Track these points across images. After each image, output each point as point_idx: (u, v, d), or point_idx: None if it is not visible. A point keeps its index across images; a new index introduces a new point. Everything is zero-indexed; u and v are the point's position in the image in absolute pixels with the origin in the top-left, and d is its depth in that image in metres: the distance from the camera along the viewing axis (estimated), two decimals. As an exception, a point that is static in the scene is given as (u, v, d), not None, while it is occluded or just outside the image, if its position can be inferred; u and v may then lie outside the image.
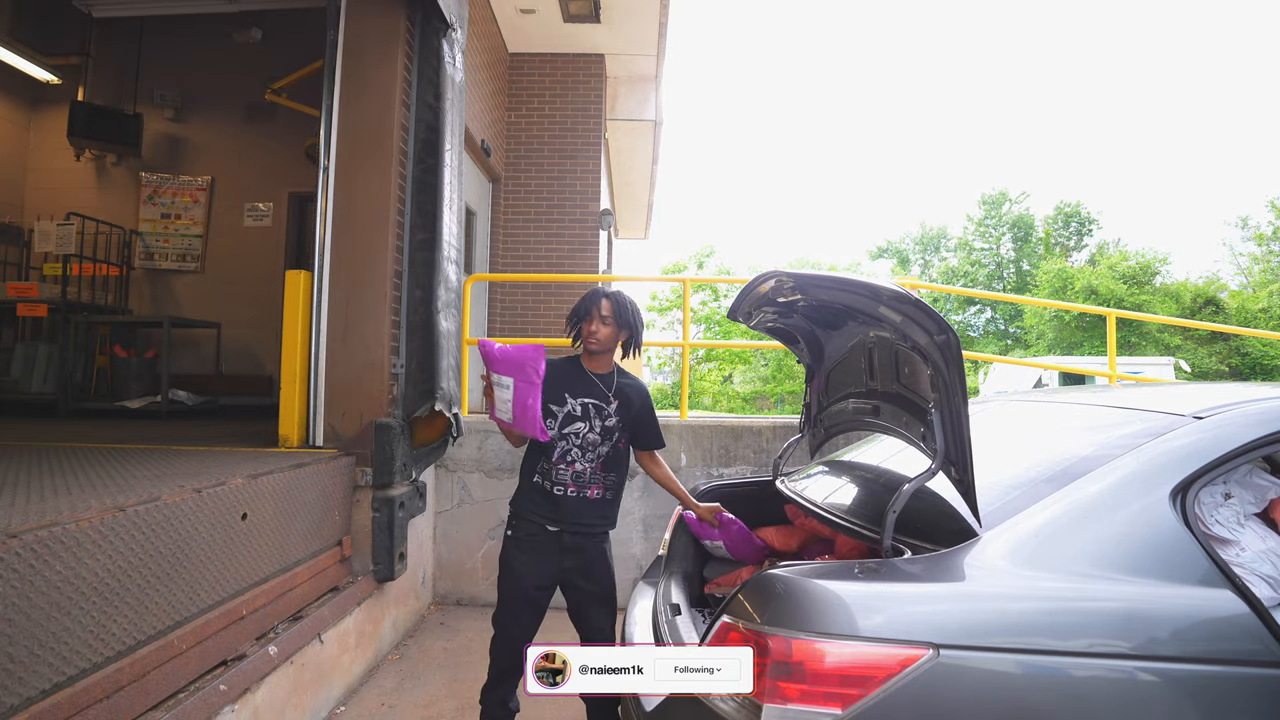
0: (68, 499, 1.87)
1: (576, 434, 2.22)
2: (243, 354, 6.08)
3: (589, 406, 2.24)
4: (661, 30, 6.61)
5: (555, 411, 2.21)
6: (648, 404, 2.35)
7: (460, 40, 3.75)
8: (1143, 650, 1.20)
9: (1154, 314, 18.26)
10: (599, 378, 2.29)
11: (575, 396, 2.24)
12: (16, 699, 1.47)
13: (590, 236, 6.92)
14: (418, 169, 3.58)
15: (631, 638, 1.88)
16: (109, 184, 6.38)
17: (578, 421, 2.22)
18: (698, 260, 33.12)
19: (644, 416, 2.33)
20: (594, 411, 2.24)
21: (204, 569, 2.12)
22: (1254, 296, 24.59)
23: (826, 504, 1.93)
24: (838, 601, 1.24)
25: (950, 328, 1.45)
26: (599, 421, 2.24)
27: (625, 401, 2.28)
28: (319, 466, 2.92)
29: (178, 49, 6.28)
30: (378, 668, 3.22)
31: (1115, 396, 1.95)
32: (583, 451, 2.22)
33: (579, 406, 2.23)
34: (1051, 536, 1.34)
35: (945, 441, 1.53)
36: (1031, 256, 32.61)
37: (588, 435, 2.22)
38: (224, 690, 2.06)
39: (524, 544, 2.22)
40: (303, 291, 3.35)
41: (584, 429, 2.22)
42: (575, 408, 2.23)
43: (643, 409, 2.32)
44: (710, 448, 4.30)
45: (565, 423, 2.22)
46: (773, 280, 1.85)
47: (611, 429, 2.25)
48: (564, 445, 2.21)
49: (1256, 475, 1.63)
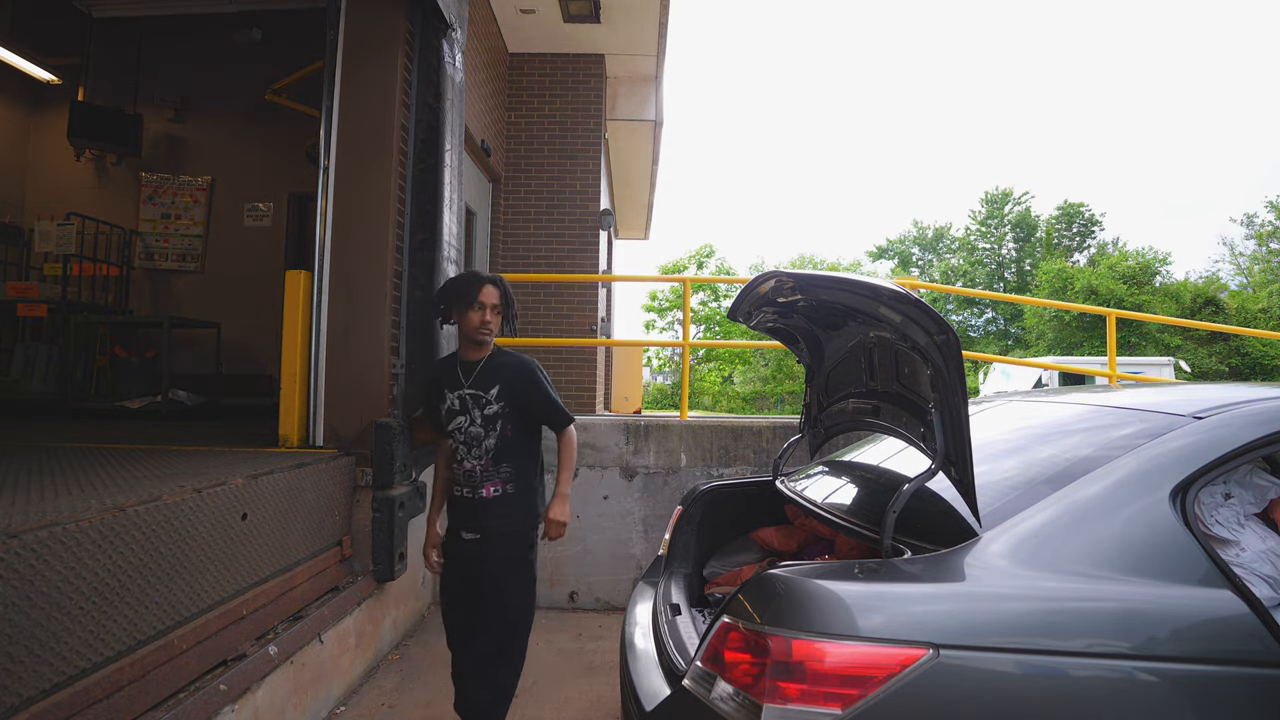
0: (68, 499, 1.87)
1: (460, 429, 2.10)
2: (243, 354, 6.08)
3: (466, 398, 2.10)
4: (661, 30, 6.61)
5: (440, 410, 2.12)
6: (533, 380, 2.15)
7: (460, 40, 3.75)
8: (1143, 650, 1.20)
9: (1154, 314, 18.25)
10: (472, 365, 2.14)
11: (453, 390, 2.12)
12: (16, 699, 1.47)
13: (590, 236, 6.92)
14: (418, 169, 3.58)
15: (632, 638, 1.88)
16: (109, 184, 6.37)
17: (458, 416, 2.10)
18: (697, 260, 33.12)
19: (530, 395, 2.14)
20: (472, 402, 2.09)
21: (204, 569, 2.12)
22: (1254, 296, 24.60)
23: (826, 504, 1.93)
24: (838, 601, 1.24)
25: (950, 328, 1.45)
26: (478, 411, 2.09)
27: (504, 383, 2.11)
28: (319, 466, 2.92)
29: (178, 49, 6.28)
30: (378, 668, 3.22)
31: (1115, 397, 1.95)
32: (469, 448, 2.09)
33: (457, 400, 2.11)
34: (1052, 537, 1.34)
35: (945, 441, 1.53)
36: (1033, 256, 32.63)
37: (470, 429, 2.08)
38: (224, 690, 2.06)
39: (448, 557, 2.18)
40: (303, 291, 3.35)
41: (465, 422, 2.09)
42: (454, 401, 2.11)
43: (527, 387, 2.14)
44: (710, 448, 4.30)
45: (448, 419, 2.11)
46: (773, 280, 1.85)
47: (493, 417, 2.09)
48: (453, 444, 2.12)
49: (1256, 475, 1.63)
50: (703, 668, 1.36)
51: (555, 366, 6.70)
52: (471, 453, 2.08)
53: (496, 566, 2.10)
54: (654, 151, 9.46)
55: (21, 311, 5.42)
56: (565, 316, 6.80)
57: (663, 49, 7.03)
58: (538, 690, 2.95)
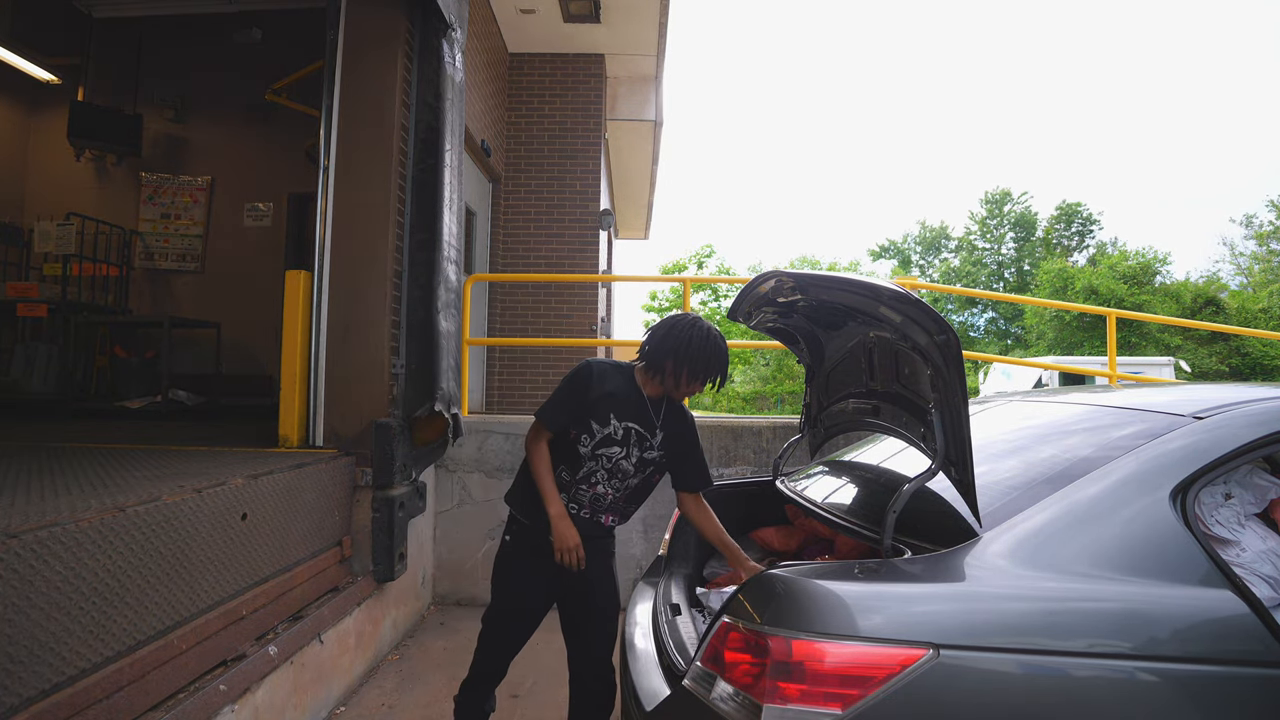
0: (68, 499, 1.87)
1: (609, 458, 1.97)
2: (243, 354, 6.08)
3: (632, 432, 1.97)
4: (661, 30, 6.62)
5: (595, 429, 1.96)
6: (694, 438, 2.08)
7: (460, 40, 3.75)
8: (1143, 650, 1.20)
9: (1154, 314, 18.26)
10: (651, 402, 2.00)
11: (621, 419, 1.97)
12: (16, 699, 1.47)
13: (590, 236, 6.92)
14: (418, 169, 3.58)
15: (632, 638, 1.88)
16: (109, 184, 6.37)
17: (615, 446, 1.97)
18: (698, 260, 33.13)
19: (689, 452, 2.06)
20: (635, 439, 1.98)
21: (204, 569, 2.12)
22: (1254, 296, 24.61)
23: (826, 504, 1.93)
24: (838, 601, 1.24)
25: (950, 328, 1.45)
26: (638, 451, 1.98)
27: (670, 434, 2.02)
28: (319, 467, 2.92)
29: (178, 49, 6.28)
30: (378, 668, 3.22)
31: (1115, 397, 1.95)
32: (610, 476, 1.99)
33: (621, 430, 1.97)
34: (1052, 537, 1.34)
35: (945, 441, 1.53)
36: (1033, 256, 32.64)
37: (621, 463, 1.98)
38: (224, 690, 2.06)
39: (522, 553, 2.05)
40: (303, 291, 3.35)
41: (619, 454, 1.98)
42: (617, 431, 1.97)
43: (689, 443, 2.06)
44: (710, 448, 4.30)
45: (602, 444, 1.97)
46: (773, 280, 1.85)
47: (649, 461, 2.01)
48: (592, 465, 1.98)
49: (1257, 475, 1.63)
50: (703, 668, 1.36)
51: (555, 366, 6.70)
52: (610, 482, 1.99)
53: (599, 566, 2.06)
54: (654, 151, 9.47)
55: (21, 311, 5.42)
56: (565, 316, 6.80)
57: (663, 49, 7.03)
58: (538, 690, 2.95)
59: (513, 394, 6.78)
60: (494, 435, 4.22)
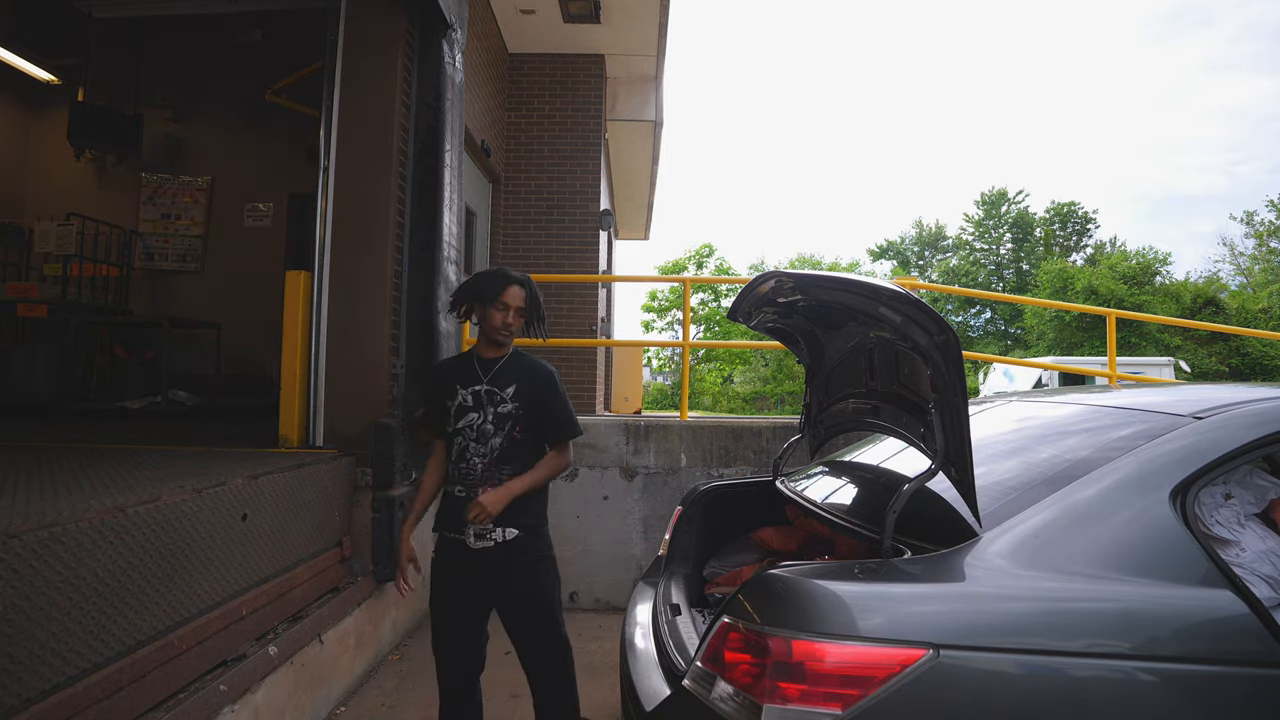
0: (68, 499, 1.86)
1: (471, 426, 2.05)
2: (243, 354, 6.07)
3: (480, 394, 2.07)
4: (661, 30, 6.61)
5: (449, 406, 2.08)
6: (551, 386, 2.13)
7: (460, 41, 3.75)
8: (1143, 650, 1.20)
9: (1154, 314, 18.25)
10: (491, 362, 2.11)
11: (466, 385, 2.08)
12: (16, 699, 1.47)
13: (590, 237, 6.92)
14: (418, 169, 3.58)
15: (632, 638, 1.88)
16: (109, 184, 6.37)
17: (470, 412, 2.05)
18: (697, 260, 33.13)
19: (546, 401, 2.11)
20: (486, 398, 2.06)
21: (204, 569, 2.12)
22: (1254, 297, 24.61)
23: (826, 504, 1.93)
24: (838, 601, 1.24)
25: (950, 328, 1.45)
26: (491, 409, 2.05)
27: (522, 385, 2.09)
28: (319, 467, 2.92)
29: (177, 50, 6.28)
30: (378, 668, 3.22)
31: (1115, 397, 1.95)
32: (477, 443, 2.05)
33: (470, 395, 2.07)
34: (1052, 537, 1.34)
35: (945, 441, 1.53)
36: (1031, 256, 32.63)
37: (481, 425, 2.05)
38: (224, 690, 2.06)
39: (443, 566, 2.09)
40: (303, 291, 3.35)
41: (477, 419, 2.05)
42: (467, 397, 2.06)
43: (544, 392, 2.11)
44: (710, 448, 4.30)
45: (458, 415, 2.06)
46: (773, 280, 1.85)
47: (506, 415, 2.05)
48: (460, 441, 2.06)
49: (1257, 476, 1.63)
50: (703, 668, 1.36)
51: (555, 366, 6.69)
52: (479, 450, 2.05)
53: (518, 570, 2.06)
54: (654, 151, 9.46)
55: (21, 312, 5.42)
56: (565, 317, 6.79)
57: (663, 49, 7.02)
58: (538, 690, 2.95)
59: (513, 394, 6.76)
60: (494, 435, 4.21)
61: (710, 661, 1.34)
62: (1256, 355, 21.82)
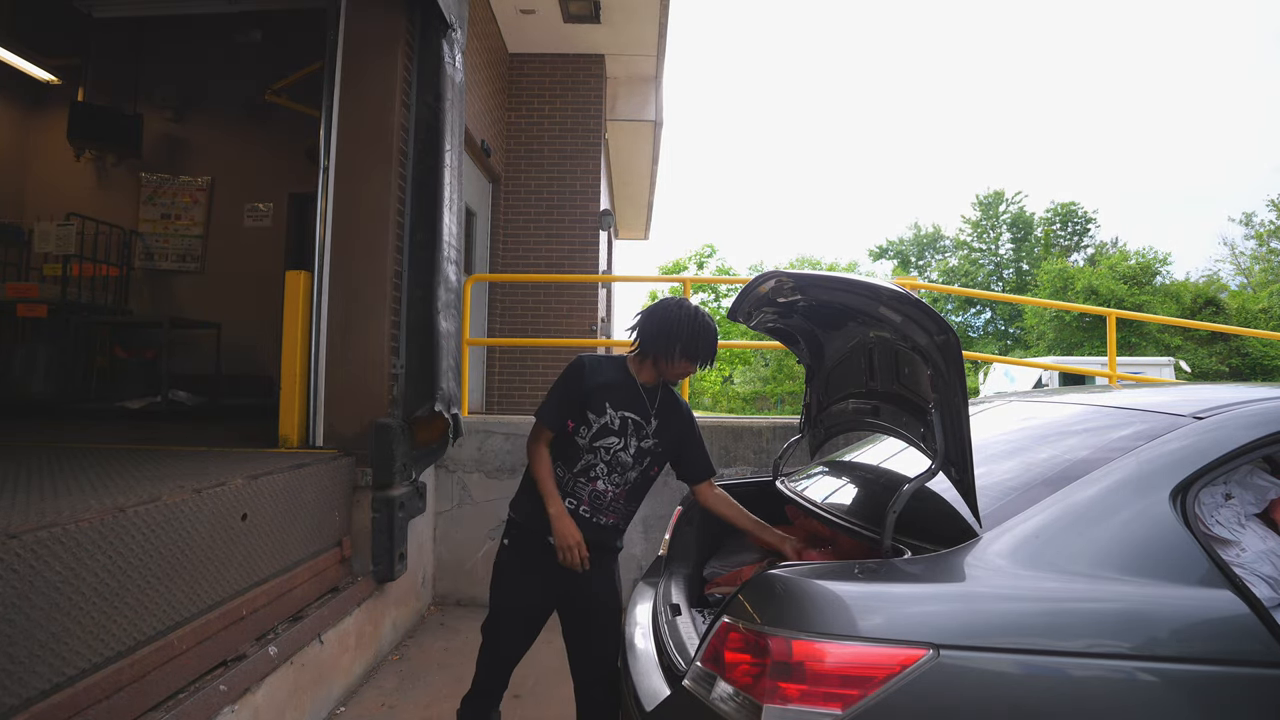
0: (68, 499, 1.87)
1: (608, 449, 1.95)
2: (243, 354, 6.07)
3: (629, 421, 1.95)
4: (661, 30, 6.62)
5: (591, 419, 1.94)
6: (692, 425, 2.06)
7: (460, 41, 3.75)
8: (1143, 650, 1.20)
9: (1154, 314, 18.26)
10: (645, 390, 1.99)
11: (617, 408, 1.95)
12: (16, 699, 1.47)
13: (590, 237, 6.92)
14: (418, 169, 3.58)
15: (632, 638, 1.88)
16: (109, 184, 6.37)
17: (613, 436, 1.95)
18: (698, 260, 33.15)
19: (688, 439, 2.05)
20: (633, 428, 1.95)
21: (204, 569, 2.12)
22: (1254, 297, 24.62)
23: (826, 504, 1.93)
24: (838, 601, 1.24)
25: (950, 328, 1.45)
26: (635, 441, 1.96)
27: (665, 422, 2.00)
28: (319, 467, 2.92)
29: (178, 49, 6.28)
30: (378, 668, 3.22)
31: (1115, 397, 1.95)
32: (609, 470, 1.96)
33: (618, 420, 1.94)
34: (1052, 537, 1.34)
35: (945, 441, 1.53)
36: (1030, 256, 32.63)
37: (620, 454, 1.95)
38: (224, 691, 2.06)
39: (521, 557, 2.02)
40: (303, 291, 3.35)
41: (617, 445, 1.95)
42: (614, 420, 1.94)
43: (687, 431, 2.04)
44: (710, 448, 4.27)
45: (600, 434, 1.94)
46: (773, 280, 1.85)
47: (646, 451, 1.98)
48: (590, 459, 1.95)
49: (1257, 476, 1.63)
50: (703, 668, 1.36)
51: (555, 367, 6.70)
52: (610, 476, 1.96)
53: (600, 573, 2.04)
54: (654, 151, 9.47)
55: (21, 312, 5.41)
56: (565, 317, 6.80)
57: (663, 49, 7.03)
58: (538, 690, 2.95)
59: (513, 394, 6.78)
60: (494, 435, 4.22)
61: (710, 661, 1.34)
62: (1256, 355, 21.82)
